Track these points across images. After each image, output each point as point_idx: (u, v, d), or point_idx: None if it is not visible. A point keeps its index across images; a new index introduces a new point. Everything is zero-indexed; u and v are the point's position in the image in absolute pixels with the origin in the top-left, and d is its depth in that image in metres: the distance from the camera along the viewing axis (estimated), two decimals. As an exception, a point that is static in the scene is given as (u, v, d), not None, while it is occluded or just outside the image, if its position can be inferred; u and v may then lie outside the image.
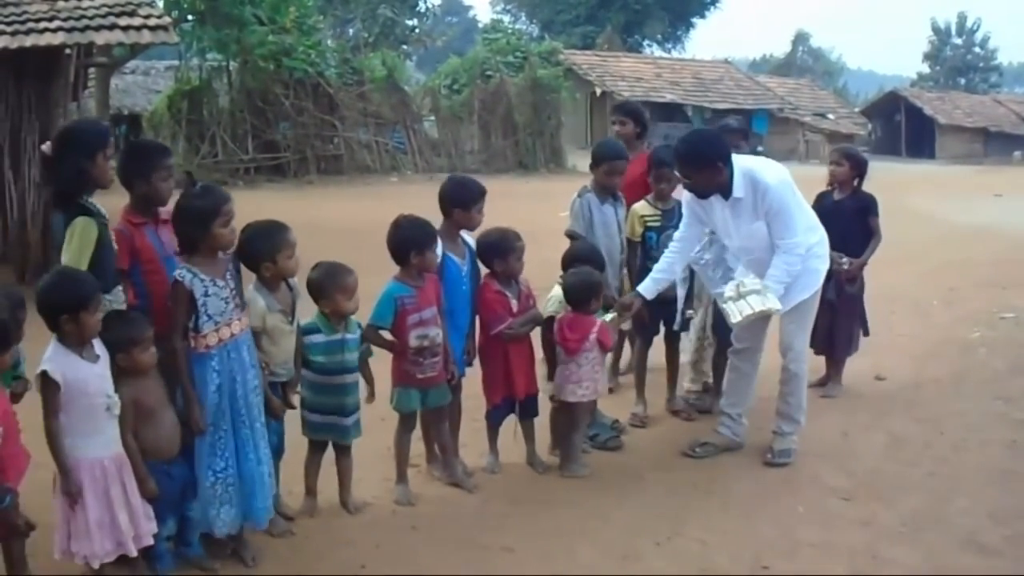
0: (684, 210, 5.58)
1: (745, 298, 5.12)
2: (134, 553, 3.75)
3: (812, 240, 5.38)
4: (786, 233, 5.18)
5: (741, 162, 5.24)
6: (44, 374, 3.53)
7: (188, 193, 4.08)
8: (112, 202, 4.22)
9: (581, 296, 5.22)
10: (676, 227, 5.65)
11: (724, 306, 5.23)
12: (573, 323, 5.22)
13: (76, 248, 3.87)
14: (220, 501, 4.01)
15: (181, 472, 4.00)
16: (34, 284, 3.78)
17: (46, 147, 4.08)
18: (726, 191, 5.20)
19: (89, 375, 3.64)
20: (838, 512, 4.83)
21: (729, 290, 5.21)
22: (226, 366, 3.99)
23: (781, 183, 5.20)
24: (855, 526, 4.66)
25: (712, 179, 5.16)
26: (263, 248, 4.24)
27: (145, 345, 3.84)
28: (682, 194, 5.57)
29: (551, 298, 5.44)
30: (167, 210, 4.20)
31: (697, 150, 5.21)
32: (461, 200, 5.08)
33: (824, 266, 5.52)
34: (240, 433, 4.05)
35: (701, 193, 5.30)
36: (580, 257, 5.46)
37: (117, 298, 4.02)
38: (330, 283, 4.52)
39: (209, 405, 3.97)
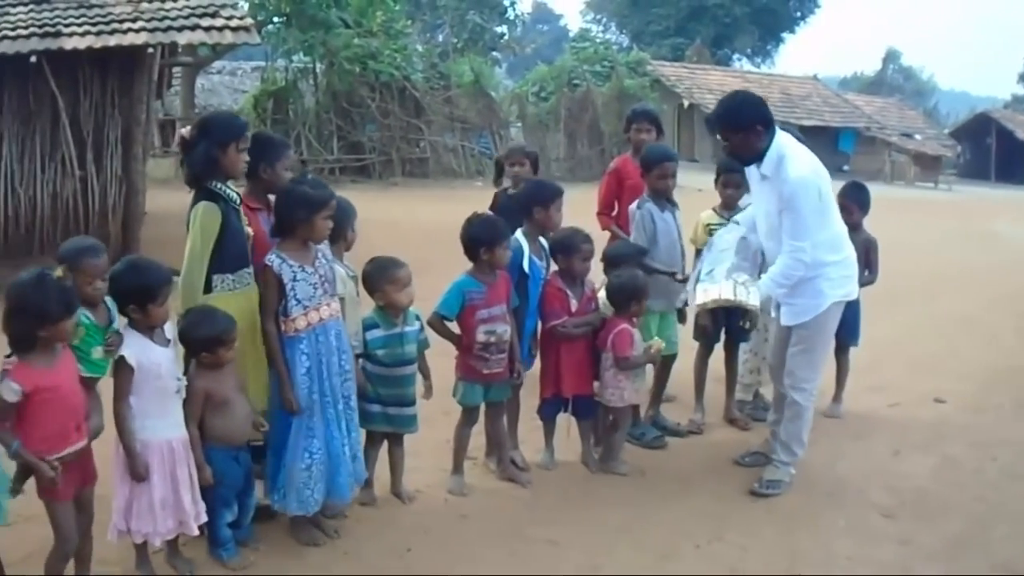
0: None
1: (719, 283, 4.98)
2: (195, 532, 3.94)
3: (828, 258, 5.04)
4: (793, 234, 4.90)
5: (781, 141, 4.99)
6: (122, 359, 3.70)
7: (301, 180, 4.29)
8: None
9: (622, 297, 5.30)
10: None
11: (696, 285, 5.14)
12: (608, 324, 5.33)
13: (197, 232, 4.09)
14: (314, 481, 4.21)
15: (247, 460, 4.18)
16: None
17: (186, 131, 4.29)
18: (761, 161, 5.00)
19: (162, 359, 3.81)
20: (878, 529, 4.88)
21: (716, 274, 5.10)
22: (315, 349, 4.17)
23: (802, 180, 4.87)
24: (893, 543, 4.70)
25: (749, 143, 4.96)
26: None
27: (230, 344, 4.00)
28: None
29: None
30: None
31: (737, 111, 5.03)
32: (541, 198, 5.24)
33: (834, 292, 5.10)
34: (326, 413, 4.23)
35: (739, 158, 5.14)
36: (624, 257, 5.57)
37: (241, 280, 4.23)
38: (380, 275, 4.69)
39: (300, 387, 4.15)
